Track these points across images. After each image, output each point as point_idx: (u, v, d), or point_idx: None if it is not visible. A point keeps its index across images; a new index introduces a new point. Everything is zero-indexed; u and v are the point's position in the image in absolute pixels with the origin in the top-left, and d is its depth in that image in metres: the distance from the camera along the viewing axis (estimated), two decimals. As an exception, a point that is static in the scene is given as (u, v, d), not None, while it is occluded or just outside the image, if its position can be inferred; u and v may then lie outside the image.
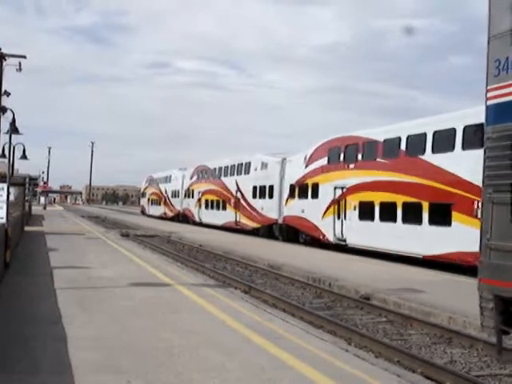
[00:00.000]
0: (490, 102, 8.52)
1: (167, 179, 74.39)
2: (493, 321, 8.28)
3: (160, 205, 76.85)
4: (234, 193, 48.37)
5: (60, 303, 12.42)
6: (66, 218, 64.63)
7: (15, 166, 50.00)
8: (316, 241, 34.04)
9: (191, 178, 62.43)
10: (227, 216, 49.76)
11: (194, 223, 59.25)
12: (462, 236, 21.23)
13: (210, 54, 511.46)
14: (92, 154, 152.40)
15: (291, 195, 37.96)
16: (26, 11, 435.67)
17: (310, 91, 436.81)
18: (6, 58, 32.72)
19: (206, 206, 56.22)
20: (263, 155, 45.17)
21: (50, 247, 25.62)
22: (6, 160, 34.26)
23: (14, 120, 26.68)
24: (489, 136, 8.44)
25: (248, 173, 46.44)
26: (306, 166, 35.88)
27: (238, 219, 47.47)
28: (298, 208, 36.69)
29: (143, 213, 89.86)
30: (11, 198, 23.06)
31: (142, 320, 11.15)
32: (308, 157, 36.02)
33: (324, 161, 33.71)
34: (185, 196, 64.23)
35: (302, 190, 36.42)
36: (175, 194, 68.93)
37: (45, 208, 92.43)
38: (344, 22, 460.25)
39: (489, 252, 8.18)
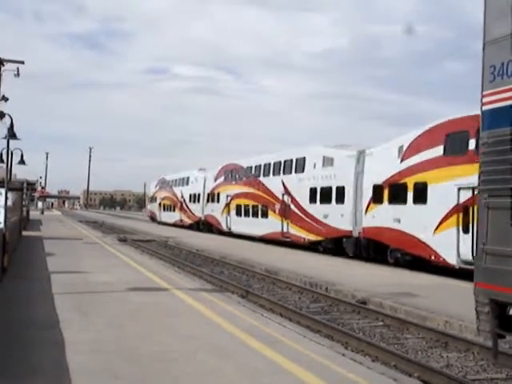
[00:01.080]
0: (485, 108, 8.58)
1: (184, 181, 65.04)
2: (489, 325, 8.33)
3: (174, 210, 67.96)
4: (280, 196, 38.55)
5: (58, 308, 12.43)
6: (63, 222, 64.57)
7: (13, 171, 49.93)
8: (420, 262, 25.25)
9: (216, 179, 53.18)
10: (270, 225, 39.83)
11: (221, 232, 50.45)
12: None
13: (207, 60, 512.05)
14: (90, 159, 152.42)
15: (376, 199, 28.35)
16: (25, 17, 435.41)
17: (307, 97, 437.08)
18: (4, 63, 32.75)
19: (238, 213, 46.48)
20: (324, 147, 35.43)
21: (48, 252, 25.61)
22: (4, 165, 34.22)
23: (12, 125, 26.66)
24: (484, 141, 8.50)
25: (302, 171, 36.18)
26: (402, 160, 26.72)
27: (286, 229, 37.52)
28: (388, 216, 27.20)
29: (153, 219, 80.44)
30: (9, 202, 23.03)
31: (140, 325, 11.17)
32: (406, 147, 26.88)
33: (437, 151, 24.56)
34: (208, 200, 55.11)
35: (395, 192, 27.05)
36: (195, 199, 59.86)
37: (42, 213, 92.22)
38: (341, 28, 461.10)
39: (484, 256, 8.22)
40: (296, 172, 37.15)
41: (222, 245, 37.55)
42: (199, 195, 58.18)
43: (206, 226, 56.13)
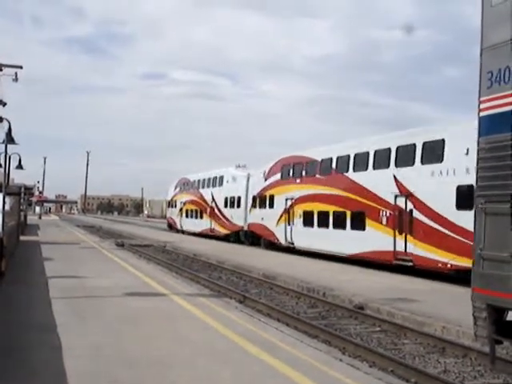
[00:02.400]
0: (482, 114, 8.62)
1: (216, 182, 54.05)
2: (486, 330, 8.34)
3: (202, 217, 56.53)
4: (391, 200, 26.64)
5: (55, 312, 12.43)
6: (61, 227, 64.53)
7: (11, 176, 49.92)
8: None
9: (267, 177, 41.34)
10: (370, 240, 27.80)
11: (274, 247, 39.31)
12: None
13: (205, 65, 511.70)
14: (87, 164, 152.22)
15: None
16: (23, 22, 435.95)
17: (306, 101, 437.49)
18: (3, 68, 32.77)
19: (307, 222, 34.38)
20: None
21: (45, 257, 25.60)
22: (2, 170, 34.29)
23: (9, 130, 26.63)
24: (482, 147, 8.53)
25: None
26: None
27: (407, 249, 25.42)
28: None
29: (171, 227, 69.00)
30: (7, 207, 23.06)
31: (137, 329, 11.17)
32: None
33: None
34: (254, 205, 43.59)
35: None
36: (232, 203, 48.78)
37: (40, 217, 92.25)
38: (340, 33, 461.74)
39: (482, 262, 8.24)
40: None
41: (219, 250, 37.50)
42: (239, 199, 47.25)
43: (249, 237, 44.43)
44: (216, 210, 52.77)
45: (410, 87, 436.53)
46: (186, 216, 61.97)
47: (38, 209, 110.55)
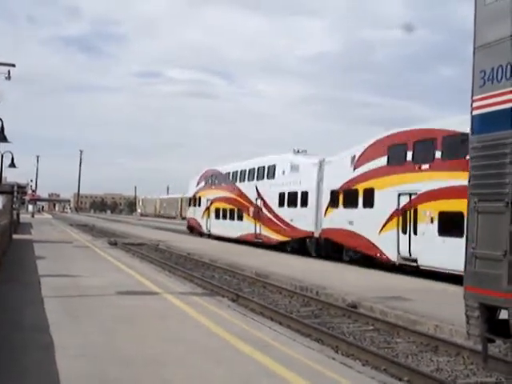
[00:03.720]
0: (475, 112, 8.64)
1: (263, 173, 42.01)
2: (478, 329, 8.35)
3: (241, 219, 44.90)
4: None
5: (48, 312, 12.39)
6: (54, 226, 64.39)
7: (3, 174, 49.87)
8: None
9: (357, 165, 29.79)
10: None
11: (371, 263, 27.77)
12: None
13: (200, 64, 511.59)
14: (80, 163, 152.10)
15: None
16: (18, 20, 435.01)
17: (302, 100, 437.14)
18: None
19: (444, 229, 22.82)
20: None
21: (38, 255, 25.53)
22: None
23: (2, 128, 26.65)
24: (474, 146, 8.55)
25: None
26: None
27: None
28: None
29: (192, 230, 57.67)
30: (-1, 206, 23.01)
31: (130, 328, 11.16)
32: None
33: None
34: (335, 204, 31.58)
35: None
36: (292, 200, 36.68)
37: (33, 216, 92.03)
38: (334, 32, 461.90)
39: (474, 260, 8.26)
40: None
41: (213, 249, 37.50)
42: (305, 194, 35.19)
43: (323, 247, 32.91)
44: (264, 210, 40.44)
45: (405, 86, 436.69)
46: (216, 217, 49.74)
47: (30, 207, 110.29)
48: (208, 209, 51.91)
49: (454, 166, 21.83)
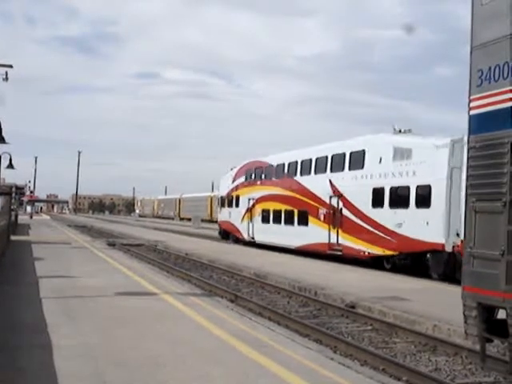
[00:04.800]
0: (472, 112, 8.65)
1: (343, 162, 31.38)
2: (476, 329, 8.36)
3: (304, 223, 34.44)
4: None
5: (46, 312, 12.39)
6: (52, 227, 64.34)
7: (1, 176, 49.93)
8: None
9: None
10: None
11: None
12: None
13: (198, 65, 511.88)
14: (78, 163, 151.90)
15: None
16: (16, 21, 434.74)
17: (298, 101, 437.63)
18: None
19: None
20: None
21: (36, 256, 25.52)
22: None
23: (0, 129, 26.63)
24: (472, 145, 8.56)
25: None
26: None
27: None
28: None
29: (227, 235, 47.67)
30: (-3, 207, 23.00)
31: (128, 329, 11.15)
32: None
33: None
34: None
35: None
36: (396, 199, 26.82)
37: (31, 217, 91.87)
38: (332, 33, 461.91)
39: (472, 260, 8.27)
40: None
41: (210, 249, 37.48)
42: (426, 191, 24.88)
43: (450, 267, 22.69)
44: (346, 212, 30.00)
45: (402, 86, 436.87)
46: (264, 220, 40.01)
47: (29, 208, 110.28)
48: (250, 210, 41.92)
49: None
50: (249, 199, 42.37)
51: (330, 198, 31.55)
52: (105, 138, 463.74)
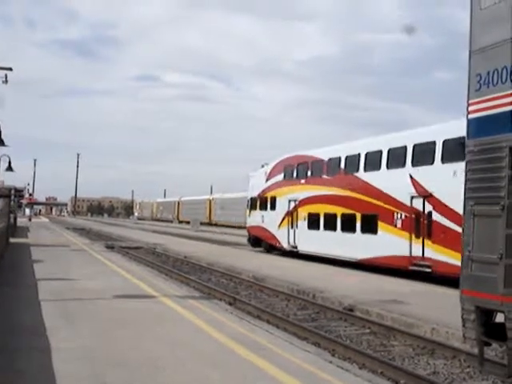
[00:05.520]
0: (471, 116, 8.67)
1: (433, 153, 23.85)
2: (475, 332, 8.37)
3: (372, 231, 27.49)
4: None
5: (45, 315, 12.39)
6: (51, 229, 64.33)
7: (1, 178, 49.92)
8: None
9: None
10: None
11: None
12: None
13: (197, 68, 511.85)
14: (77, 166, 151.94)
15: None
16: (16, 24, 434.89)
17: (297, 104, 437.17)
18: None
19: None
20: None
21: (35, 259, 25.52)
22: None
23: (-1, 132, 26.64)
24: (470, 149, 8.58)
25: None
26: None
27: None
28: None
29: (258, 243, 41.02)
30: (-4, 209, 23.00)
31: (127, 332, 11.16)
32: None
33: None
34: None
35: None
36: None
37: (30, 220, 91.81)
38: (330, 37, 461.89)
39: (470, 264, 8.28)
40: None
41: (209, 252, 37.46)
42: None
43: None
44: (438, 217, 23.29)
45: (402, 90, 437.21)
46: (311, 226, 33.27)
47: (27, 211, 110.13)
48: (291, 214, 35.42)
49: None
50: (289, 201, 35.64)
51: (412, 198, 24.81)
52: (104, 140, 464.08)
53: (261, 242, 40.48)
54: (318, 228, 32.25)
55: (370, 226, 27.53)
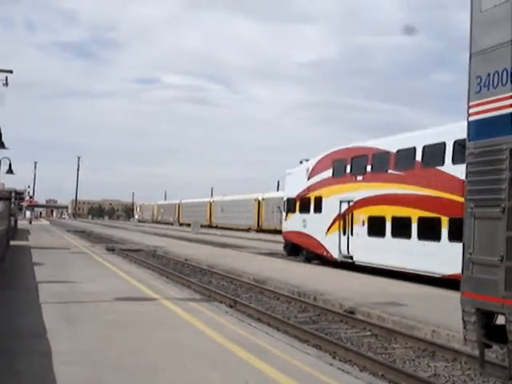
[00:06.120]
0: (471, 118, 8.68)
1: None
2: (475, 334, 8.37)
3: (454, 238, 20.01)
4: None
5: (45, 317, 12.39)
6: (51, 232, 64.32)
7: (1, 181, 49.94)
8: None
9: None
10: None
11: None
12: None
13: (197, 70, 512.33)
14: (78, 169, 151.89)
15: None
16: (16, 26, 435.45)
17: (297, 106, 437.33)
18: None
19: None
20: None
21: (36, 261, 25.52)
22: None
23: (0, 134, 26.65)
24: (471, 151, 8.59)
25: None
26: None
27: None
28: None
29: (295, 251, 35.48)
30: (-4, 212, 23.01)
31: (127, 334, 11.16)
32: None
33: None
34: None
35: None
36: None
37: (30, 222, 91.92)
38: (331, 39, 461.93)
39: (471, 266, 8.28)
40: None
41: (210, 255, 37.45)
42: None
43: None
44: None
45: (401, 92, 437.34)
46: (372, 232, 27.57)
47: (28, 213, 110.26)
48: (344, 217, 29.46)
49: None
50: (341, 202, 29.62)
51: None
52: (104, 142, 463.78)
53: (300, 250, 34.56)
54: (382, 235, 26.42)
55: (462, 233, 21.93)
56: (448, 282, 19.99)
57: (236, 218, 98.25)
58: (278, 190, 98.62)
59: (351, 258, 28.88)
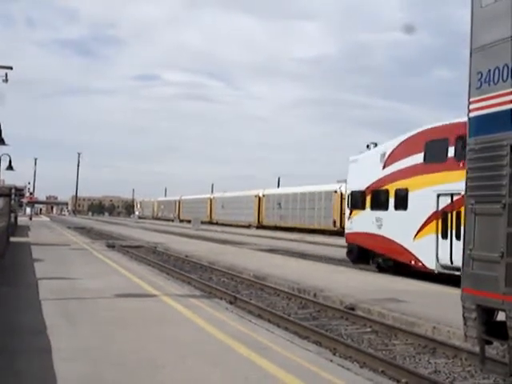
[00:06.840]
0: (472, 114, 8.67)
1: None
2: (476, 331, 8.37)
3: None
4: None
5: (45, 314, 12.37)
6: (51, 228, 64.33)
7: (1, 177, 49.95)
8: None
9: None
10: None
11: None
12: None
13: (196, 67, 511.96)
14: (78, 165, 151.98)
15: None
16: (16, 23, 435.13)
17: (297, 103, 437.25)
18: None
19: None
20: None
21: (36, 258, 25.51)
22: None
23: (0, 131, 26.62)
24: (471, 147, 8.58)
25: None
26: None
27: None
28: None
29: (364, 257, 27.80)
30: (-4, 208, 22.99)
31: (128, 331, 11.15)
32: None
33: None
34: None
35: None
36: None
37: (31, 219, 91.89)
38: (331, 36, 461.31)
39: (471, 262, 8.28)
40: None
41: (210, 251, 37.44)
42: None
43: None
44: None
45: (401, 89, 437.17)
46: None
47: (28, 210, 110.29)
48: (444, 216, 22.48)
49: None
50: (438, 195, 22.81)
51: None
52: (104, 139, 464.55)
53: (371, 256, 27.72)
54: None
55: None
56: (448, 279, 19.98)
57: (236, 214, 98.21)
58: (278, 186, 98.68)
59: (457, 269, 19.08)
